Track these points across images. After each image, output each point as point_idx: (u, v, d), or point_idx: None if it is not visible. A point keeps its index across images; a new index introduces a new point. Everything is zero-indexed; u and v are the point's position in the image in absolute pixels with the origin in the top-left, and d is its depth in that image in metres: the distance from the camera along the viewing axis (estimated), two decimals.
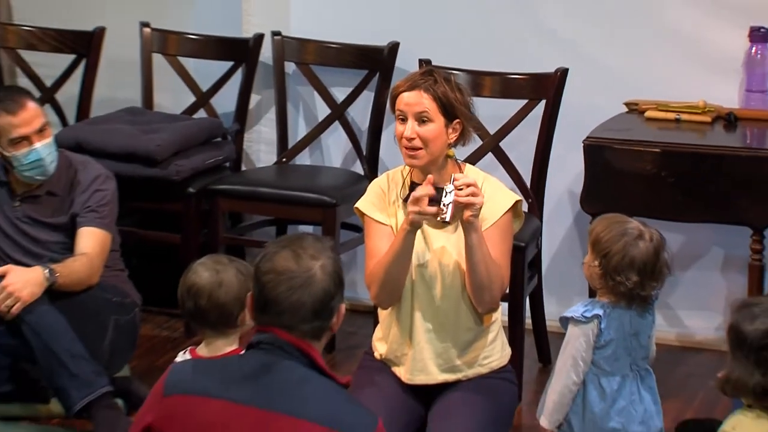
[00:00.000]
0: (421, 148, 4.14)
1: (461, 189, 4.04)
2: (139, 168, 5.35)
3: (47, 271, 4.62)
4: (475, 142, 4.65)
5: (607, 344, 3.69)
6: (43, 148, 4.76)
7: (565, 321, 3.75)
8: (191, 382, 3.02)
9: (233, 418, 2.95)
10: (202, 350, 3.64)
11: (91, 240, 4.78)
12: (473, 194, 4.05)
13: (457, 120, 4.17)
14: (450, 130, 4.16)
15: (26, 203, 4.85)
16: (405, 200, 4.24)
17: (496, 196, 4.22)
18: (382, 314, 4.35)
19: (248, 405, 2.94)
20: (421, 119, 4.12)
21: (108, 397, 4.59)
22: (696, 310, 5.45)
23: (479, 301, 4.19)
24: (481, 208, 4.07)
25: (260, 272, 3.02)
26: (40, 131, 4.75)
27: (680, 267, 5.32)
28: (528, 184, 5.18)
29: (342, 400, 3.01)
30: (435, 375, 4.26)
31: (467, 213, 4.04)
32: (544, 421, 3.80)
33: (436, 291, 4.21)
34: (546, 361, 5.18)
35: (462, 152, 4.37)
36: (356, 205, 4.35)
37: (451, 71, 4.49)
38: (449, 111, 4.14)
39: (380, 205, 4.29)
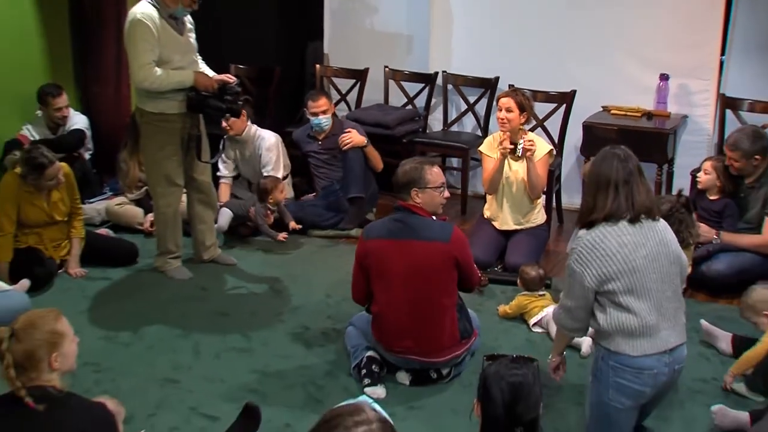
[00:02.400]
0: (507, 124, 4.09)
1: (527, 143, 4.00)
2: (381, 130, 5.27)
3: (367, 140, 4.59)
4: (533, 122, 4.59)
5: None
6: (319, 120, 4.70)
7: None
8: (370, 231, 3.00)
9: (386, 247, 2.93)
10: None
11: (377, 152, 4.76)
12: (532, 145, 4.02)
13: (525, 112, 4.10)
14: (521, 117, 4.09)
15: (323, 141, 4.81)
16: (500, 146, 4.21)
17: (542, 147, 4.16)
18: (488, 197, 4.33)
19: (391, 239, 2.93)
20: (508, 110, 4.08)
21: (362, 200, 4.62)
22: None
23: (532, 193, 4.16)
24: (535, 152, 4.04)
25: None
26: (323, 112, 4.69)
27: None
28: (556, 141, 5.00)
29: (433, 224, 2.93)
30: (511, 225, 4.26)
31: (528, 153, 4.01)
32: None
33: (513, 188, 4.18)
34: (560, 222, 5.02)
35: (526, 126, 4.26)
36: (479, 148, 4.33)
37: (524, 89, 4.35)
38: (522, 108, 4.08)
39: (490, 148, 4.26)
